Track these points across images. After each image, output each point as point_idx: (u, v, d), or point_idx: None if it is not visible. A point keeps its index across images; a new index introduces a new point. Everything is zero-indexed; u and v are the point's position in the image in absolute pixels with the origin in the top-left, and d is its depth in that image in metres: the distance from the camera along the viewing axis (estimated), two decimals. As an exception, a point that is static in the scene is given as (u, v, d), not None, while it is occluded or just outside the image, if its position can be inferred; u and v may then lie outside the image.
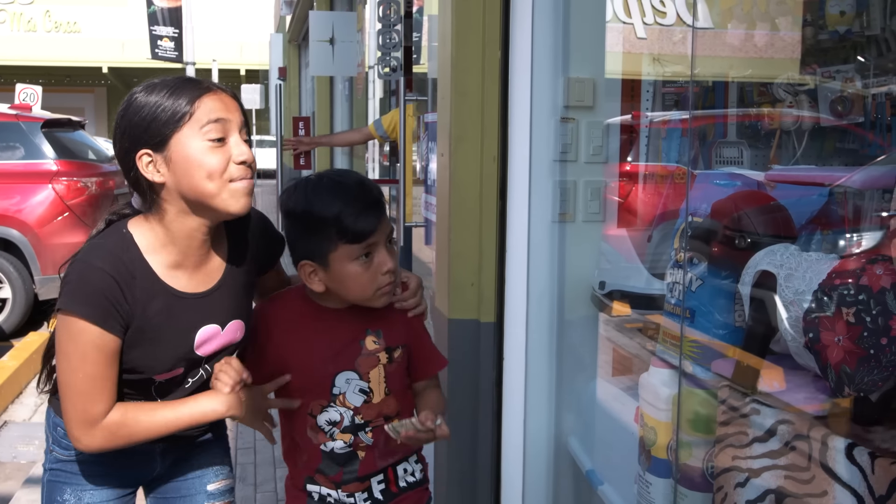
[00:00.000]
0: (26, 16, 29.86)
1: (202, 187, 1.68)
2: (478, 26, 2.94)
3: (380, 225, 1.78)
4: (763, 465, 1.73)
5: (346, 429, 1.87)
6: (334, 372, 1.85)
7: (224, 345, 1.88)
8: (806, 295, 1.68)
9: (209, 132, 1.67)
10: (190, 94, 1.67)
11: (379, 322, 1.89)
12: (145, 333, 1.75)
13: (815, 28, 2.96)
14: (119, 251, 1.72)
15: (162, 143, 1.67)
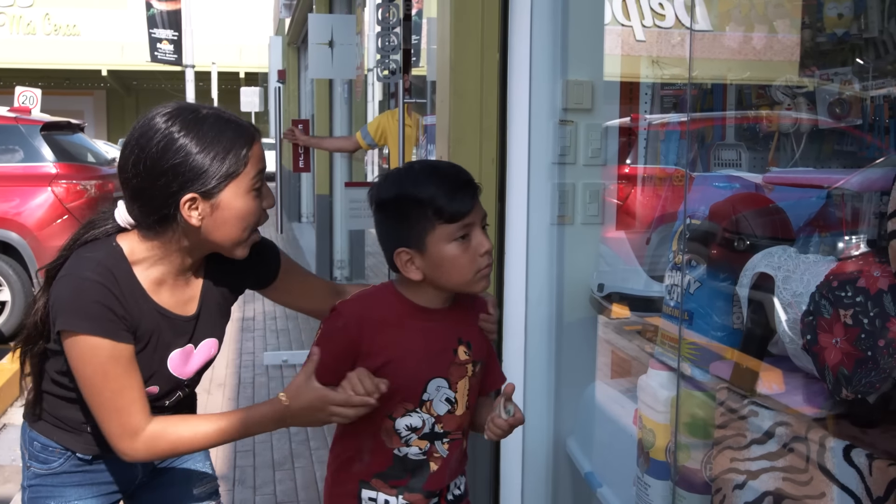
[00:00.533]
0: (26, 18, 29.87)
1: (236, 236, 1.69)
2: (476, 29, 2.95)
3: (475, 205, 1.73)
4: (761, 467, 1.73)
5: (425, 436, 1.80)
6: (428, 376, 1.78)
7: (199, 365, 1.87)
8: (804, 297, 1.68)
9: (257, 184, 1.69)
10: (243, 142, 1.67)
11: (470, 333, 1.85)
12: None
13: (813, 31, 2.96)
14: (111, 264, 1.69)
15: (213, 192, 1.64)
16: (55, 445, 1.86)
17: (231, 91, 29.64)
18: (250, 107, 24.22)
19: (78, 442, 1.86)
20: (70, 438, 1.86)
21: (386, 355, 1.75)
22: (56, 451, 1.86)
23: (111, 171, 8.37)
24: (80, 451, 1.87)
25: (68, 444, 1.86)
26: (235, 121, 1.69)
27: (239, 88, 24.84)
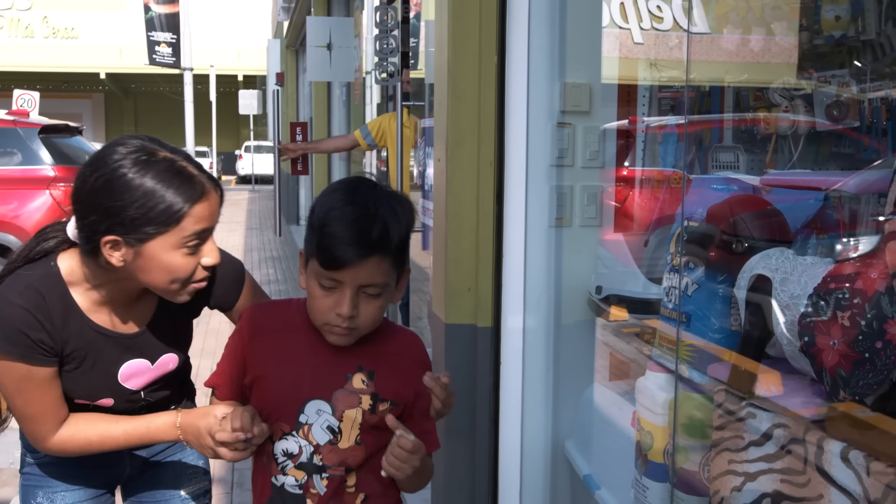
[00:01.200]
0: (24, 21, 29.90)
1: (161, 286, 1.67)
2: (474, 31, 2.95)
3: (356, 266, 1.55)
4: (759, 469, 1.73)
5: (302, 465, 1.65)
6: (307, 396, 1.64)
7: (157, 376, 1.87)
8: (801, 299, 1.68)
9: (190, 242, 1.63)
10: (185, 198, 1.60)
11: (377, 364, 1.68)
12: (67, 364, 1.74)
13: (810, 33, 2.97)
14: (43, 288, 1.68)
15: (139, 241, 1.61)
16: None
17: (229, 94, 29.66)
18: (248, 109, 24.26)
19: None
20: None
21: (265, 366, 1.68)
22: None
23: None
24: None
25: None
26: (189, 174, 1.62)
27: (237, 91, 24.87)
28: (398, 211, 1.61)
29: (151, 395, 1.89)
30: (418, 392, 1.69)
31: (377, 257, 1.56)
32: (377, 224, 1.56)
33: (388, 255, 1.58)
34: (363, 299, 1.59)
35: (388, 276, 1.60)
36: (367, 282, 1.57)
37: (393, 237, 1.58)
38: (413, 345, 1.77)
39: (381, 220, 1.57)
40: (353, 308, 1.58)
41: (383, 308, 1.64)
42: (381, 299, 1.61)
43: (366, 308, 1.59)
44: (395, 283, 1.64)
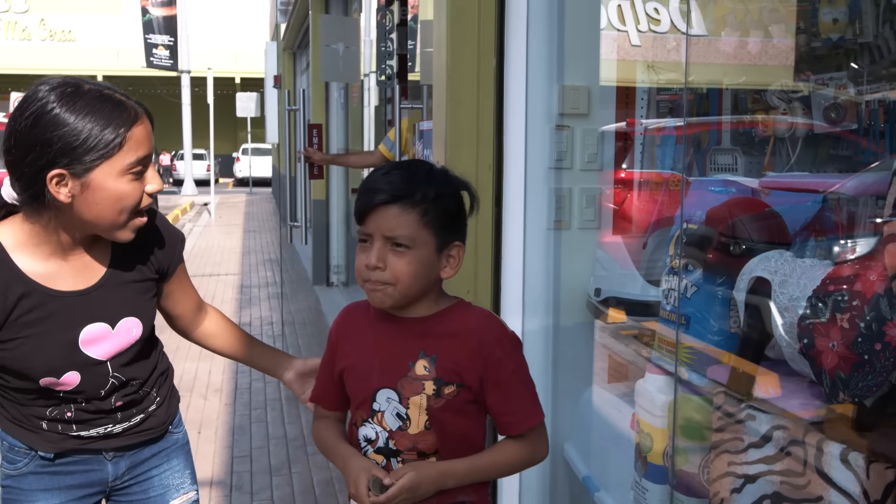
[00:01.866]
0: (21, 24, 29.90)
1: (110, 218, 1.65)
2: (472, 34, 2.95)
3: (378, 213, 1.60)
4: (759, 471, 1.74)
5: (380, 450, 1.70)
6: (377, 385, 1.69)
7: (122, 345, 1.81)
8: (800, 301, 1.68)
9: (134, 168, 1.63)
10: (120, 122, 1.61)
11: (438, 347, 1.66)
12: (16, 333, 1.69)
13: (808, 35, 2.98)
14: None
15: (84, 170, 1.60)
16: (20, 445, 1.83)
17: (227, 96, 29.66)
18: (246, 112, 24.25)
19: (38, 439, 1.83)
20: (30, 436, 1.83)
21: (347, 360, 1.76)
22: (21, 450, 1.84)
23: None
24: (41, 448, 1.83)
25: (30, 442, 1.83)
26: (118, 100, 1.63)
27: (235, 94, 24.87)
28: (435, 174, 1.64)
29: (120, 370, 1.81)
30: (486, 375, 1.65)
31: (399, 207, 1.59)
32: (403, 173, 1.62)
33: (414, 207, 1.59)
34: (391, 252, 1.60)
35: (413, 231, 1.59)
36: (390, 232, 1.59)
37: (417, 189, 1.59)
38: (483, 325, 1.69)
39: (408, 172, 1.63)
40: (379, 260, 1.60)
41: (416, 267, 1.61)
42: (411, 256, 1.60)
43: (394, 262, 1.60)
44: (434, 248, 1.62)
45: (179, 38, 22.62)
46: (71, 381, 1.76)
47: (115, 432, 1.86)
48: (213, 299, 8.95)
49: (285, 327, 7.82)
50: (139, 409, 1.89)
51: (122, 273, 1.80)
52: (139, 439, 1.93)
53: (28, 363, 1.71)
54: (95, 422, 1.83)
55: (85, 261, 1.75)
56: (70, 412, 1.80)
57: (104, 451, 1.88)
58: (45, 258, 1.71)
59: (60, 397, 1.80)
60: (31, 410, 1.80)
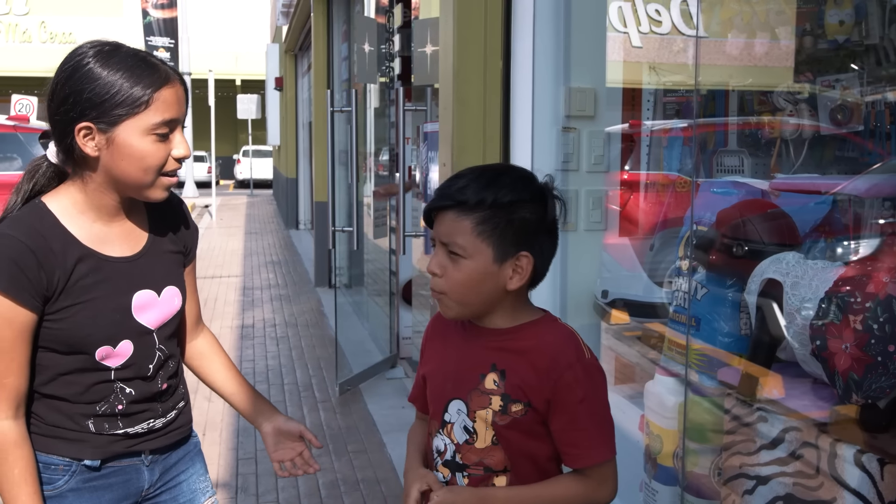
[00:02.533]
0: (21, 27, 29.90)
1: (135, 176, 1.68)
2: (479, 37, 2.96)
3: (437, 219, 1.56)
4: (771, 473, 1.74)
5: (447, 463, 1.64)
6: (450, 396, 1.64)
7: (167, 314, 1.83)
8: (812, 303, 1.69)
9: (159, 129, 1.67)
10: (150, 82, 1.65)
11: (510, 362, 1.58)
12: (76, 298, 1.70)
13: (814, 37, 2.98)
14: (33, 220, 1.69)
15: (110, 124, 1.64)
16: (58, 461, 1.78)
17: (228, 98, 29.67)
18: (247, 114, 24.27)
19: (83, 447, 1.79)
20: (74, 446, 1.79)
21: (428, 366, 1.72)
22: (59, 468, 1.79)
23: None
24: (89, 456, 1.79)
25: (73, 453, 1.79)
26: (152, 61, 1.67)
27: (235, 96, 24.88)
28: (504, 180, 1.56)
29: (164, 342, 1.84)
30: (553, 400, 1.55)
31: (454, 213, 1.54)
32: (470, 177, 1.56)
33: (468, 214, 1.53)
34: (450, 261, 1.55)
35: (467, 239, 1.53)
36: (446, 238, 1.55)
37: (471, 195, 1.53)
38: (559, 344, 1.58)
39: (476, 176, 1.56)
40: (437, 266, 1.56)
41: (469, 277, 1.55)
42: (464, 265, 1.54)
43: (452, 271, 1.55)
44: (492, 258, 1.54)
45: (180, 41, 22.62)
46: (125, 350, 1.76)
47: (157, 427, 1.85)
48: (215, 301, 8.95)
49: (288, 328, 7.83)
50: (173, 401, 1.89)
51: (160, 242, 1.85)
52: (174, 438, 1.92)
53: (87, 330, 1.71)
54: (141, 415, 1.82)
55: (127, 228, 1.79)
56: (121, 404, 1.79)
57: (143, 454, 1.86)
58: (91, 224, 1.74)
59: (112, 381, 1.78)
60: (79, 409, 1.77)
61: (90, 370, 1.75)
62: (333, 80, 10.03)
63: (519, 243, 1.54)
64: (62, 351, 1.73)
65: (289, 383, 6.07)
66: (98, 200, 1.73)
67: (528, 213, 1.54)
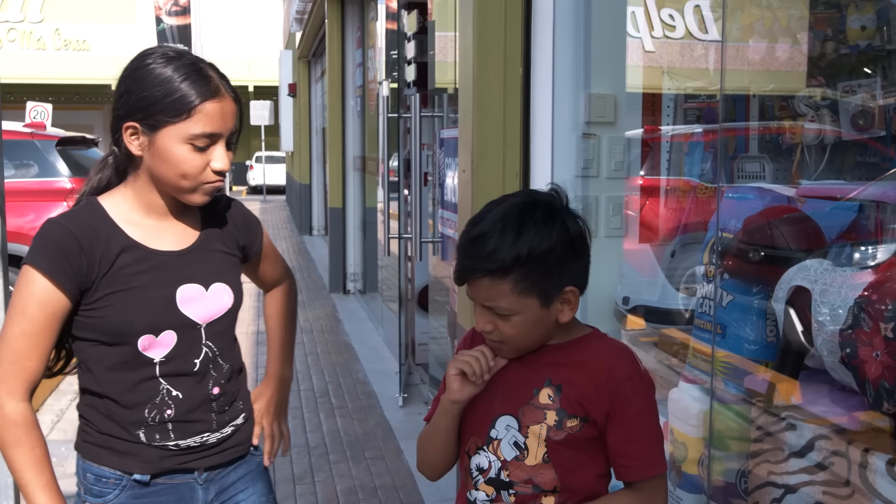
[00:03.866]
0: (36, 34, 30.05)
1: (173, 180, 1.74)
2: (499, 43, 2.95)
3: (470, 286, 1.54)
4: (800, 481, 1.72)
5: (491, 481, 1.60)
6: (498, 412, 1.60)
7: (216, 311, 1.84)
8: (842, 310, 1.67)
9: (197, 141, 1.70)
10: (197, 93, 1.69)
11: (566, 376, 1.57)
12: (118, 286, 1.74)
13: (836, 43, 2.97)
14: (85, 212, 1.77)
15: (152, 127, 1.70)
16: (109, 474, 1.79)
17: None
18: (260, 120, 24.34)
19: (133, 461, 1.79)
20: (125, 459, 1.79)
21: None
22: (110, 481, 1.79)
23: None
24: (138, 470, 1.79)
25: (124, 466, 1.79)
26: (206, 73, 1.72)
27: (248, 102, 24.97)
28: (526, 230, 1.51)
29: (213, 339, 1.84)
30: (612, 411, 1.53)
31: (490, 279, 1.50)
32: (486, 243, 1.51)
33: (504, 278, 1.49)
34: (496, 317, 1.52)
35: (511, 299, 1.50)
36: (488, 303, 1.52)
37: (503, 259, 1.49)
38: (615, 357, 1.58)
39: (491, 240, 1.50)
40: (487, 323, 1.53)
41: (524, 328, 1.53)
42: (516, 320, 1.52)
43: (503, 326, 1.53)
44: (540, 306, 1.52)
45: (193, 47, 22.71)
46: (168, 340, 1.78)
47: (210, 443, 1.84)
48: (230, 307, 8.97)
49: (303, 335, 7.83)
50: (230, 415, 1.88)
51: (211, 241, 1.89)
52: (229, 456, 1.90)
53: (128, 317, 1.74)
54: (193, 425, 1.81)
55: (178, 226, 1.84)
56: (170, 409, 1.78)
57: (196, 471, 1.85)
58: (141, 219, 1.80)
59: (157, 378, 1.78)
60: (129, 415, 1.78)
61: (135, 364, 1.77)
62: (348, 86, 10.05)
63: (561, 283, 1.53)
64: (107, 342, 1.76)
65: (305, 389, 6.07)
66: (145, 198, 1.79)
67: (561, 252, 1.51)
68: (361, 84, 9.42)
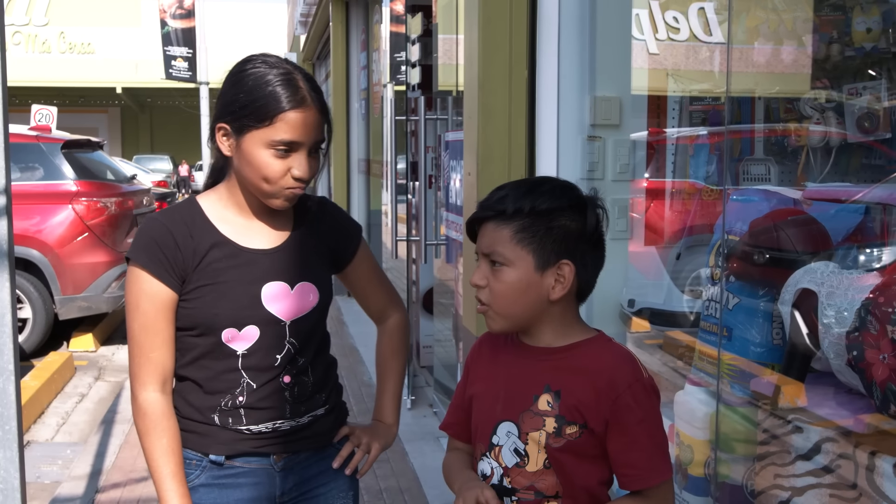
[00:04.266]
0: (41, 37, 30.11)
1: (255, 183, 1.80)
2: (504, 46, 2.96)
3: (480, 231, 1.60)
4: (807, 484, 1.72)
5: (494, 487, 1.57)
6: (500, 418, 1.58)
7: (301, 309, 1.88)
8: (848, 312, 1.67)
9: (278, 146, 1.76)
10: (283, 102, 1.75)
11: (565, 382, 1.54)
12: (207, 279, 1.80)
13: (841, 45, 2.96)
14: (181, 208, 1.87)
15: (238, 131, 1.77)
16: (191, 455, 1.88)
17: (244, 107, 29.78)
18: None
19: (209, 441, 1.87)
20: (203, 441, 1.87)
21: (476, 386, 1.66)
22: (192, 462, 1.88)
23: (131, 189, 8.41)
24: (214, 451, 1.87)
25: (202, 447, 1.87)
26: (297, 84, 1.77)
27: (253, 105, 25.01)
28: (544, 188, 1.56)
29: (296, 336, 1.88)
30: (612, 419, 1.50)
31: (494, 223, 1.54)
32: (509, 188, 1.57)
33: (508, 222, 1.53)
34: (492, 272, 1.55)
35: (507, 248, 1.52)
36: (487, 248, 1.55)
37: (510, 204, 1.53)
38: (617, 364, 1.54)
39: (505, 190, 1.57)
40: (481, 278, 1.56)
41: (512, 287, 1.53)
42: (506, 274, 1.53)
43: (494, 283, 1.54)
44: (534, 266, 1.51)
45: (198, 50, 22.75)
46: (250, 335, 1.83)
47: (284, 429, 1.88)
48: (234, 310, 8.99)
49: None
50: (308, 406, 1.91)
51: (302, 241, 1.93)
52: (305, 446, 1.94)
53: (215, 310, 1.81)
54: (265, 412, 1.86)
55: (269, 225, 1.90)
56: (242, 396, 1.84)
57: (272, 456, 1.90)
58: (234, 217, 1.87)
59: (238, 370, 1.84)
60: (207, 401, 1.85)
61: (219, 355, 1.84)
62: (352, 89, 10.07)
63: (559, 251, 1.52)
64: (196, 332, 1.84)
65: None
66: (237, 196, 1.87)
67: (567, 220, 1.53)
68: (366, 87, 9.43)
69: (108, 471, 4.42)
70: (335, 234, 2.00)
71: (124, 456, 4.66)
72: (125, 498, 4.11)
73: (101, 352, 7.74)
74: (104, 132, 33.18)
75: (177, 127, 36.09)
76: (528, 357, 1.57)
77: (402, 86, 7.03)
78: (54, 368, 6.46)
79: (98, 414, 5.89)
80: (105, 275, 7.55)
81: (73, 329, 7.93)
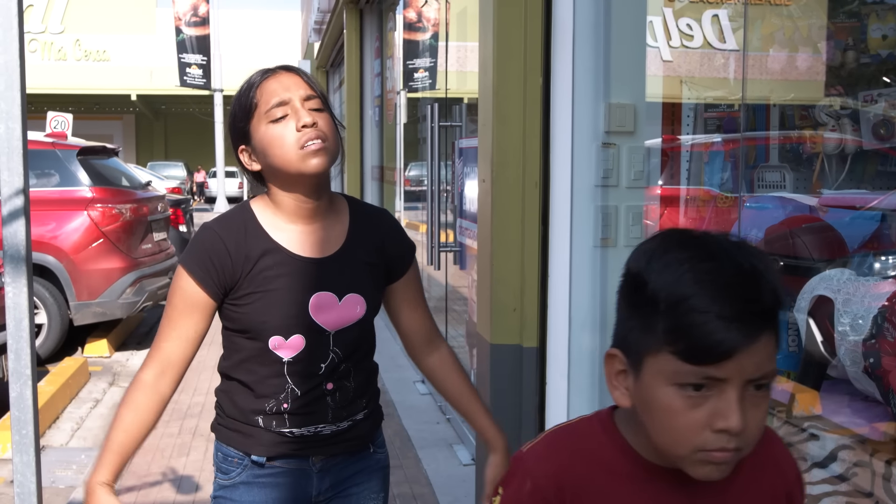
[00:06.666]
0: (56, 45, 30.33)
1: (281, 159, 1.80)
2: (519, 53, 2.97)
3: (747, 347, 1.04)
4: (823, 492, 1.72)
5: None
6: None
7: (346, 320, 1.89)
8: (864, 320, 1.67)
9: (272, 114, 1.80)
10: (253, 81, 1.83)
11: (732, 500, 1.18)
12: (257, 287, 1.83)
13: (856, 52, 2.96)
14: (235, 215, 1.90)
15: (247, 136, 1.84)
16: (233, 454, 1.91)
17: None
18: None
19: (252, 442, 1.90)
20: (245, 441, 1.91)
21: None
22: (234, 460, 1.92)
23: (146, 195, 8.45)
24: (256, 452, 1.90)
25: (245, 447, 1.91)
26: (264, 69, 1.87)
27: (266, 112, 25.11)
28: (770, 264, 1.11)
29: (340, 346, 1.89)
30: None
31: (768, 335, 1.07)
32: (764, 285, 1.07)
33: (776, 330, 1.10)
34: (749, 402, 1.06)
35: (773, 358, 1.09)
36: (757, 373, 1.06)
37: (783, 302, 1.10)
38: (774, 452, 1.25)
39: (766, 279, 1.08)
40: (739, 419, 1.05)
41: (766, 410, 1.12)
42: (769, 398, 1.13)
43: (753, 415, 1.07)
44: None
45: (212, 57, 22.88)
46: (296, 344, 1.85)
47: (325, 433, 1.91)
48: (248, 316, 9.01)
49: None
50: (349, 411, 1.93)
51: (354, 251, 1.93)
52: (345, 449, 1.97)
53: (263, 317, 1.84)
54: (308, 416, 1.89)
55: (323, 233, 1.91)
56: (287, 403, 1.87)
57: (311, 458, 1.93)
58: (286, 224, 1.89)
59: (284, 376, 1.87)
60: (252, 404, 1.88)
61: (266, 360, 1.87)
62: (366, 96, 10.09)
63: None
64: (244, 335, 1.87)
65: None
66: (281, 201, 1.89)
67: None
68: (379, 94, 9.45)
69: (122, 475, 4.44)
70: (391, 245, 1.99)
71: (138, 461, 4.67)
72: (139, 502, 4.12)
73: (115, 357, 7.76)
74: (119, 139, 33.35)
75: (191, 134, 36.28)
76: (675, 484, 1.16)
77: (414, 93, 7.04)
78: (69, 374, 6.49)
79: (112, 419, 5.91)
80: (120, 281, 7.58)
81: (88, 335, 7.96)
